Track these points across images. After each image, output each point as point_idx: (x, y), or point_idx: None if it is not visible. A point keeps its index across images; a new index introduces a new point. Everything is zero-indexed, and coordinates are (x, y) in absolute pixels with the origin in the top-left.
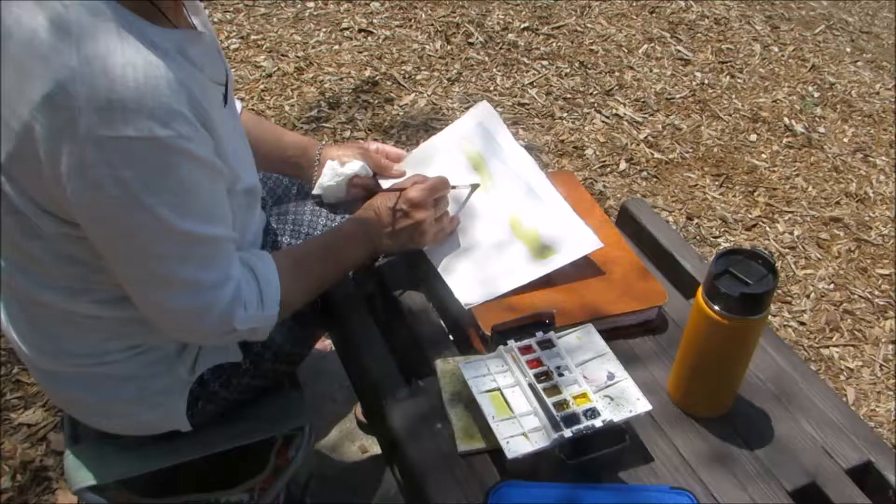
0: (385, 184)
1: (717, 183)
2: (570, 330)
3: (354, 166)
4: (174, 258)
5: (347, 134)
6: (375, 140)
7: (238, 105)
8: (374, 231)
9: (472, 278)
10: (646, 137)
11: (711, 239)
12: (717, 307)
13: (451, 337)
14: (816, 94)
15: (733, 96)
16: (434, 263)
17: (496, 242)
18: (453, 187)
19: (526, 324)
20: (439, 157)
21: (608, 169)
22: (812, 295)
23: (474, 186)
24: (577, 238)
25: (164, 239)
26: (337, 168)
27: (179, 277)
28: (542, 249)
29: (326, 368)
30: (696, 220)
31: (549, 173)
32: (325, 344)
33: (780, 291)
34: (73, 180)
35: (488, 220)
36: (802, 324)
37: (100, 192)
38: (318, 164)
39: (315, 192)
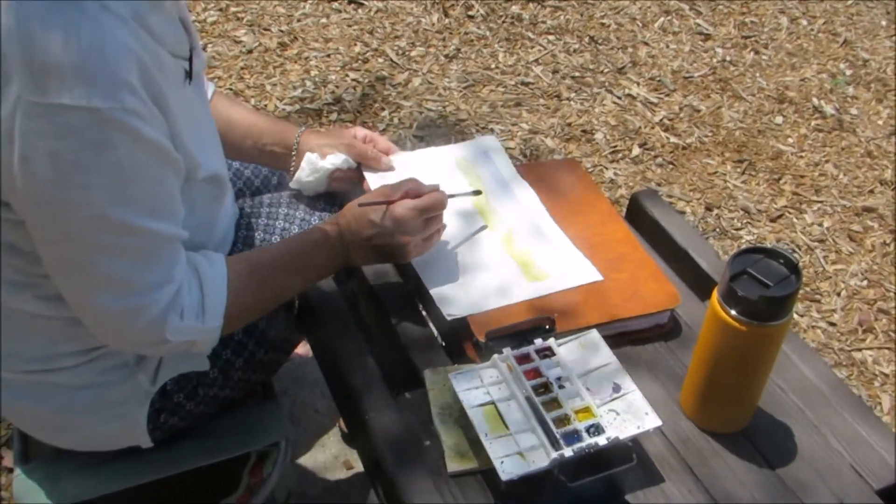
0: (371, 178)
1: (739, 170)
2: (573, 336)
3: (336, 160)
4: (105, 251)
5: (334, 116)
6: (364, 125)
7: (209, 87)
8: (348, 243)
9: (457, 290)
10: (661, 120)
11: (733, 231)
12: (733, 312)
13: (441, 343)
14: (848, 72)
15: (757, 74)
16: (417, 271)
17: (486, 257)
18: (451, 196)
19: (523, 330)
20: (433, 162)
21: (619, 155)
22: (843, 293)
23: (476, 193)
24: (575, 267)
25: (95, 227)
26: (316, 162)
27: (107, 273)
28: (534, 271)
29: (307, 376)
30: (715, 211)
31: (553, 162)
32: (305, 349)
33: (807, 289)
34: (1, 152)
35: (481, 236)
36: (832, 324)
37: (28, 166)
38: (296, 154)
39: (292, 185)
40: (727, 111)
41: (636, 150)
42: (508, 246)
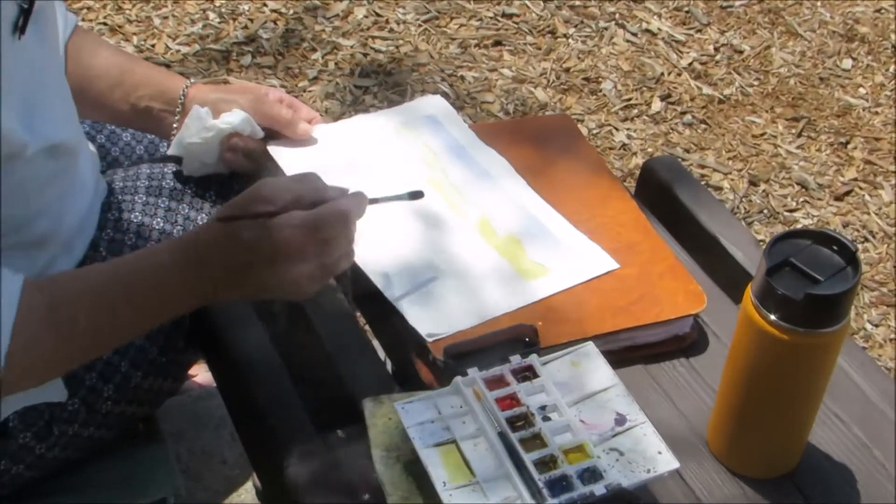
0: (280, 155)
1: (793, 131)
2: (563, 352)
3: (233, 119)
4: None
5: (247, 60)
6: (289, 74)
7: (68, 22)
8: (213, 274)
9: (429, 299)
10: (690, 64)
11: (785, 213)
12: (772, 316)
13: (386, 363)
14: None
15: (818, 3)
16: (367, 273)
17: (463, 252)
18: (373, 201)
19: (495, 344)
20: (366, 134)
21: (634, 111)
22: None
23: (414, 196)
24: (580, 254)
25: None
26: (207, 119)
27: None
28: (526, 264)
29: (210, 413)
30: (762, 187)
31: (535, 119)
32: (206, 376)
33: (884, 290)
34: None
35: (447, 226)
36: None
37: None
38: (180, 112)
39: (171, 150)
40: (778, 52)
41: (657, 105)
42: (486, 234)
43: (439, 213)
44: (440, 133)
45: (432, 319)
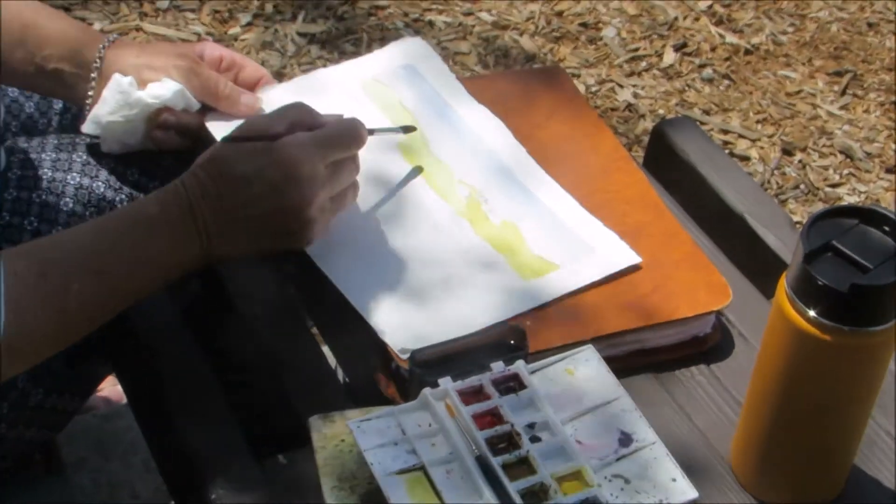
0: (217, 128)
1: (835, 88)
2: (555, 357)
3: (163, 91)
4: None
5: (164, 3)
6: (217, 16)
7: None
8: (208, 217)
9: (400, 304)
10: (711, 7)
11: (826, 188)
12: (812, 311)
13: (338, 371)
14: None
15: None
16: (329, 273)
17: (442, 242)
18: (372, 132)
19: (473, 347)
20: (327, 92)
21: (643, 63)
22: None
23: (407, 129)
24: (596, 244)
25: None
26: (130, 92)
27: None
28: (527, 259)
29: (119, 437)
30: (799, 156)
31: (522, 72)
32: (115, 391)
33: None
34: None
35: (426, 211)
36: None
37: None
38: (97, 78)
39: (86, 129)
40: None
41: (670, 57)
42: (476, 220)
43: (417, 195)
44: (420, 88)
45: (407, 330)
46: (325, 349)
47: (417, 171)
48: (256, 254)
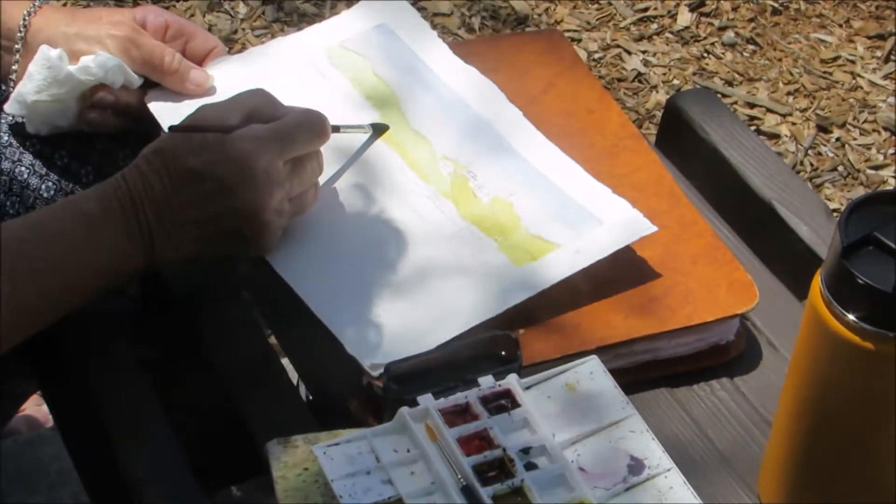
0: (163, 112)
1: (878, 54)
2: (554, 371)
3: (98, 67)
4: None
5: None
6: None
7: None
8: (152, 217)
9: (369, 310)
10: None
11: (868, 171)
12: (851, 315)
13: (300, 388)
14: None
15: None
16: (287, 277)
17: (418, 227)
18: (337, 129)
19: (458, 359)
20: (286, 64)
21: (654, 26)
22: None
23: (378, 130)
24: (604, 216)
25: None
26: (60, 66)
27: None
28: (521, 240)
29: (43, 464)
30: (836, 133)
31: (521, 35)
32: (40, 411)
33: None
34: None
35: (404, 195)
36: None
37: None
38: (21, 50)
39: (9, 108)
40: None
41: (685, 17)
42: (462, 200)
43: (393, 178)
44: (396, 52)
45: (379, 342)
46: (286, 362)
47: (380, 128)
48: (204, 260)
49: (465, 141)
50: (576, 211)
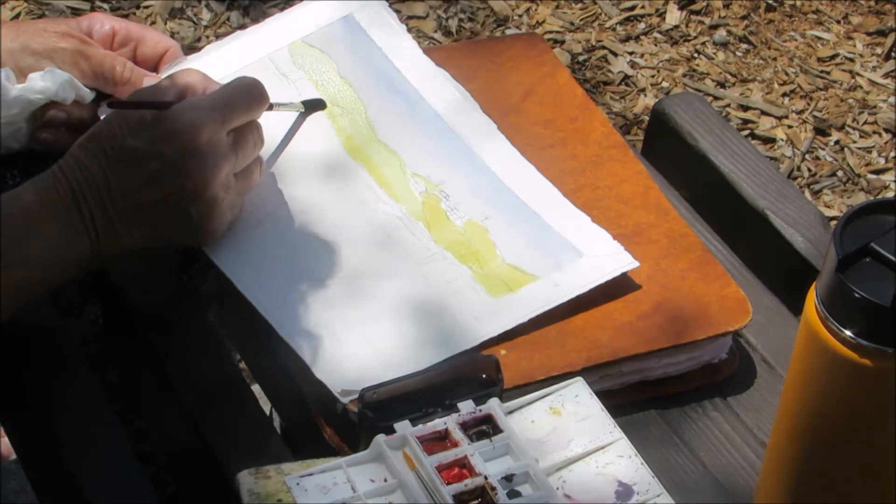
0: None
1: (878, 52)
2: (537, 394)
3: (49, 84)
4: None
5: None
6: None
7: None
8: (93, 201)
9: (341, 332)
10: None
11: (869, 176)
12: (848, 331)
13: (273, 417)
14: None
15: None
16: (253, 300)
17: (391, 260)
18: (272, 106)
19: (436, 384)
20: (246, 63)
21: (642, 25)
22: None
23: (312, 106)
24: (584, 247)
25: None
26: (8, 87)
27: None
28: (497, 269)
29: (9, 497)
30: (835, 136)
31: (499, 39)
32: (3, 443)
33: None
34: None
35: (372, 214)
36: None
37: None
38: None
39: None
40: None
41: (674, 16)
42: (435, 222)
43: (361, 196)
44: (362, 49)
45: (349, 368)
46: (256, 388)
47: (314, 104)
48: (155, 247)
49: (437, 156)
50: (554, 241)
